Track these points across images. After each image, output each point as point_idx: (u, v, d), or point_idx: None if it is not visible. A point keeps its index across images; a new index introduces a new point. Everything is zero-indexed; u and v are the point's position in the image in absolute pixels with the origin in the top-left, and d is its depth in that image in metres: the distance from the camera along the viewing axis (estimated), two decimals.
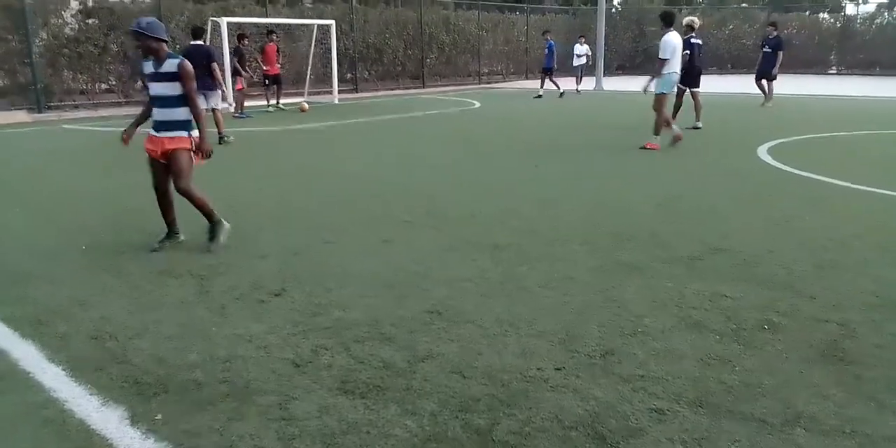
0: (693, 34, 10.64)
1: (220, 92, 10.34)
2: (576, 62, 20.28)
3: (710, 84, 22.23)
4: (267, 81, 15.28)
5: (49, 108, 15.19)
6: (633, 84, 19.89)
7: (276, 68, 15.06)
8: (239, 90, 14.13)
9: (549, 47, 18.35)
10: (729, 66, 29.28)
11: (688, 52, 10.42)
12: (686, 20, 10.72)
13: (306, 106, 15.02)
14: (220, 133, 9.92)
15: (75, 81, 16.42)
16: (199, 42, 10.23)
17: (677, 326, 3.35)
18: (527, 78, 27.96)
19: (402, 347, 3.14)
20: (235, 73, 13.86)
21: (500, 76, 26.84)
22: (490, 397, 2.69)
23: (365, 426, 2.49)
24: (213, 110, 10.02)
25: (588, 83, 21.16)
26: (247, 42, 14.44)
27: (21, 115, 14.38)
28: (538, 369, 2.92)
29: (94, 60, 16.21)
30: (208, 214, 4.72)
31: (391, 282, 4.03)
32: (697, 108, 11.04)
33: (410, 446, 2.37)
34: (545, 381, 2.81)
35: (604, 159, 8.62)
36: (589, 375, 2.86)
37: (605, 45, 23.59)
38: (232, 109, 13.95)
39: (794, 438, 2.40)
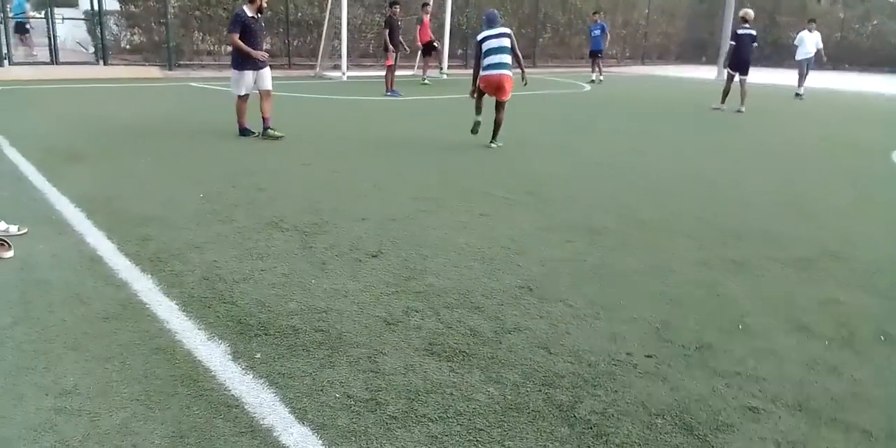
0: (745, 25, 11.80)
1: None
2: (800, 55, 14.91)
3: (848, 82, 20.65)
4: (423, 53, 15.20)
5: (179, 65, 16.17)
6: (769, 76, 18.83)
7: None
8: (388, 66, 12.54)
9: (602, 28, 17.41)
10: (868, 64, 26.93)
11: (733, 42, 11.96)
12: (741, 12, 12.13)
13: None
14: (239, 124, 7.80)
15: (203, 42, 17.38)
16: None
17: (782, 327, 3.17)
18: (643, 63, 26.97)
19: (491, 318, 3.16)
20: (386, 47, 12.54)
21: (615, 59, 25.90)
22: (575, 375, 2.66)
23: (448, 388, 2.54)
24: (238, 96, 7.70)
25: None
26: (398, 9, 12.71)
27: (153, 71, 15.42)
28: (627, 354, 2.85)
29: (223, 23, 17.03)
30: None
31: (485, 255, 4.04)
32: (742, 94, 12.03)
33: (492, 412, 2.39)
34: (634, 367, 2.75)
35: (721, 153, 8.20)
36: (682, 366, 2.77)
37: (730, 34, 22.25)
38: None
39: None
